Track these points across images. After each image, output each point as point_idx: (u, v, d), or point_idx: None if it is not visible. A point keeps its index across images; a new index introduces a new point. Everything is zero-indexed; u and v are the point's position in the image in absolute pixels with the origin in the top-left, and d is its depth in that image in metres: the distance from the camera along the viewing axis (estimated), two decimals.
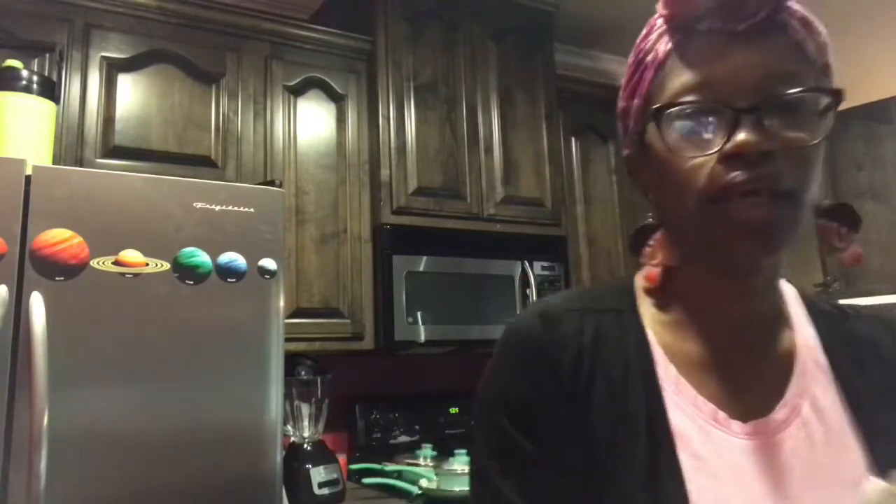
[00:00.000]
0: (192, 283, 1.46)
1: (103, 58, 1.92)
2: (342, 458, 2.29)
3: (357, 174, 2.24)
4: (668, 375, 0.57)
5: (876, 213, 2.86)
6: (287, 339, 1.60)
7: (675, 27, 0.56)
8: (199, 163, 1.98)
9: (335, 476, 1.92)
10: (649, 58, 0.57)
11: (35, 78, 1.61)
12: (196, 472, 1.41)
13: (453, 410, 2.51)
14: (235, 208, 1.53)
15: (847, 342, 0.62)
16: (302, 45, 2.22)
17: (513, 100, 2.52)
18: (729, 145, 0.51)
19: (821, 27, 0.57)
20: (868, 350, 0.62)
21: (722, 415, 0.56)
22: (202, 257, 1.48)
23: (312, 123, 2.20)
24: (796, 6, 0.55)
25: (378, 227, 2.20)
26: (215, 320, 1.48)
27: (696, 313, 0.59)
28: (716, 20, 0.53)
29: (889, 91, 2.99)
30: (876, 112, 2.92)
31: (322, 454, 1.96)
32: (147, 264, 1.43)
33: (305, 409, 1.99)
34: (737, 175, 0.50)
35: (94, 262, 1.37)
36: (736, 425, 0.55)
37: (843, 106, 0.56)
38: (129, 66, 1.95)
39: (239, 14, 2.16)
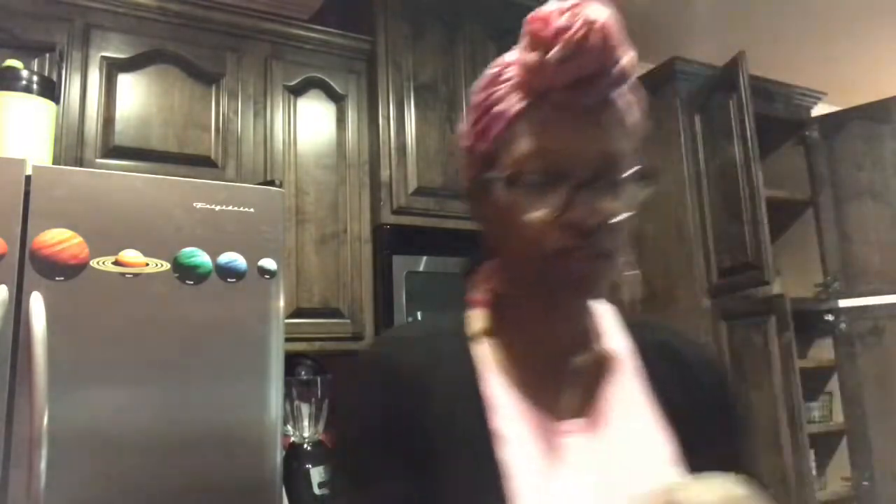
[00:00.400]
0: (192, 283, 1.46)
1: (103, 58, 1.92)
2: None
3: (357, 174, 2.24)
4: (498, 388, 0.63)
5: (876, 213, 2.86)
6: (287, 339, 1.60)
7: (530, 90, 0.60)
8: (199, 163, 1.98)
9: None
10: (499, 108, 0.61)
11: (35, 78, 1.61)
12: (196, 471, 1.40)
13: None
14: (235, 208, 1.53)
15: (656, 349, 0.70)
16: (302, 45, 2.22)
17: None
18: (566, 216, 0.57)
19: (641, 103, 0.63)
20: (671, 355, 0.70)
21: (546, 418, 0.62)
22: (202, 257, 1.48)
23: (312, 123, 2.20)
24: (628, 87, 0.61)
25: (378, 228, 2.20)
26: (215, 320, 1.48)
27: (522, 332, 0.66)
28: (568, 95, 0.58)
29: (889, 91, 2.99)
30: (876, 112, 2.92)
31: (322, 454, 1.96)
32: (147, 264, 1.43)
33: (305, 409, 1.99)
34: (571, 242, 0.58)
35: (94, 262, 1.37)
36: (559, 426, 0.62)
37: (843, 106, 0.56)
38: (129, 66, 1.95)
39: (239, 14, 2.16)
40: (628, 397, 0.65)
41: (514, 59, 0.62)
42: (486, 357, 0.65)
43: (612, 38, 0.57)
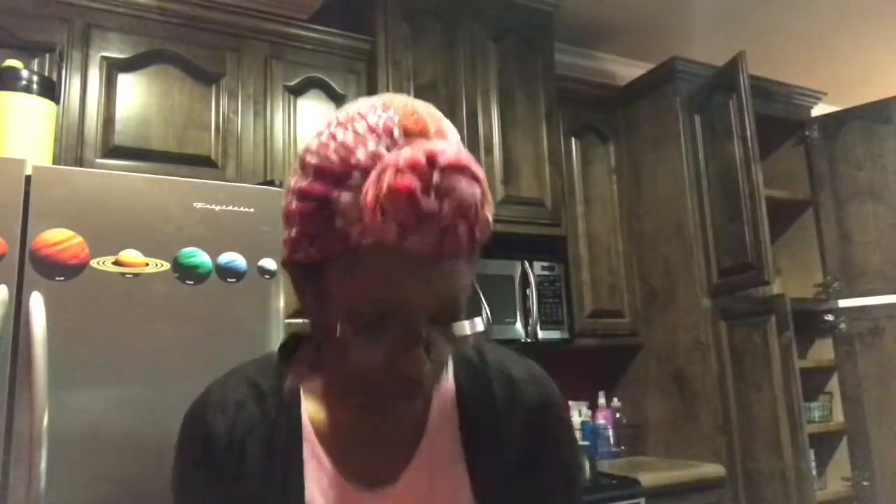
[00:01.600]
0: (192, 283, 1.46)
1: (103, 58, 1.92)
2: None
3: None
4: (311, 451, 0.64)
5: (876, 213, 2.86)
6: None
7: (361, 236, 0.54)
8: (199, 163, 1.98)
9: None
10: (339, 224, 0.54)
11: (35, 78, 1.61)
12: None
13: None
14: (235, 208, 1.53)
15: (483, 392, 0.68)
16: (302, 45, 2.22)
17: (513, 100, 2.52)
18: (402, 362, 0.55)
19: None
20: (491, 403, 0.67)
21: (350, 487, 0.62)
22: (202, 257, 1.48)
23: (312, 123, 2.20)
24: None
25: None
26: (215, 320, 1.48)
27: (345, 392, 0.64)
28: (417, 248, 0.52)
29: (889, 91, 2.99)
30: (876, 112, 2.92)
31: None
32: (147, 264, 1.43)
33: None
34: (404, 383, 0.57)
35: (94, 262, 1.37)
36: (365, 497, 0.62)
37: (843, 106, 0.56)
38: (129, 66, 1.95)
39: (239, 14, 2.16)
40: (442, 461, 0.65)
41: (371, 147, 0.54)
42: (306, 418, 0.65)
43: (473, 224, 0.53)
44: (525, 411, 0.68)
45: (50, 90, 1.65)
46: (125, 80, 1.94)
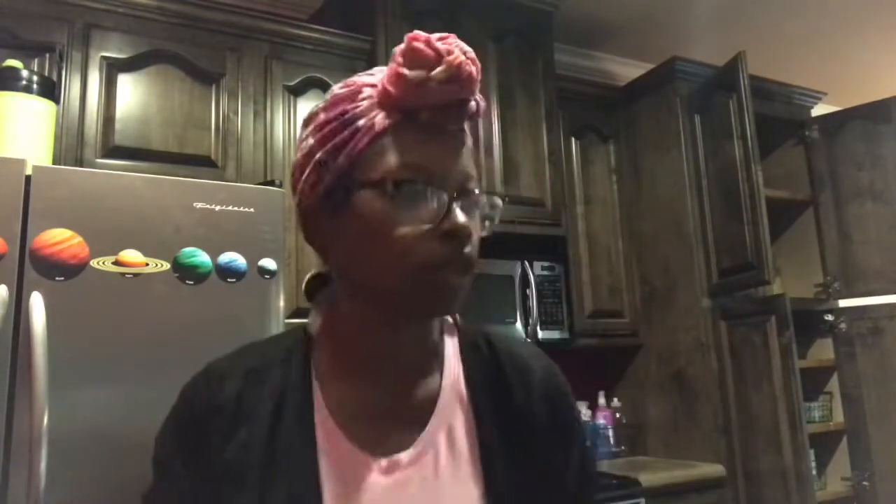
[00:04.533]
0: (192, 283, 1.46)
1: (103, 58, 1.92)
2: None
3: None
4: (323, 422, 0.64)
5: (876, 213, 2.86)
6: None
7: (395, 108, 0.60)
8: (199, 163, 1.98)
9: None
10: (362, 123, 0.60)
11: (35, 78, 1.61)
12: None
13: None
14: (235, 208, 1.53)
15: (491, 377, 0.69)
16: (302, 45, 2.22)
17: (513, 100, 2.52)
18: (447, 224, 0.58)
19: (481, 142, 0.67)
20: (503, 389, 0.69)
21: (364, 456, 0.63)
22: (202, 257, 1.48)
23: None
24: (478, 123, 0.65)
25: None
26: (215, 320, 1.47)
27: (364, 359, 0.66)
28: (436, 117, 0.60)
29: (889, 91, 2.99)
30: (876, 112, 2.92)
31: None
32: (147, 264, 1.42)
33: None
34: (452, 252, 0.59)
35: (94, 262, 1.37)
36: (376, 464, 0.63)
37: (842, 106, 0.57)
38: (129, 66, 1.95)
39: (239, 14, 2.16)
40: (452, 433, 0.65)
41: (369, 81, 0.62)
42: (318, 388, 0.65)
43: (478, 73, 0.60)
44: (536, 394, 0.70)
45: (50, 90, 1.65)
46: (125, 80, 1.94)
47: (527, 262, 2.39)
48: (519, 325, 2.34)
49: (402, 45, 0.59)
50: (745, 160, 2.45)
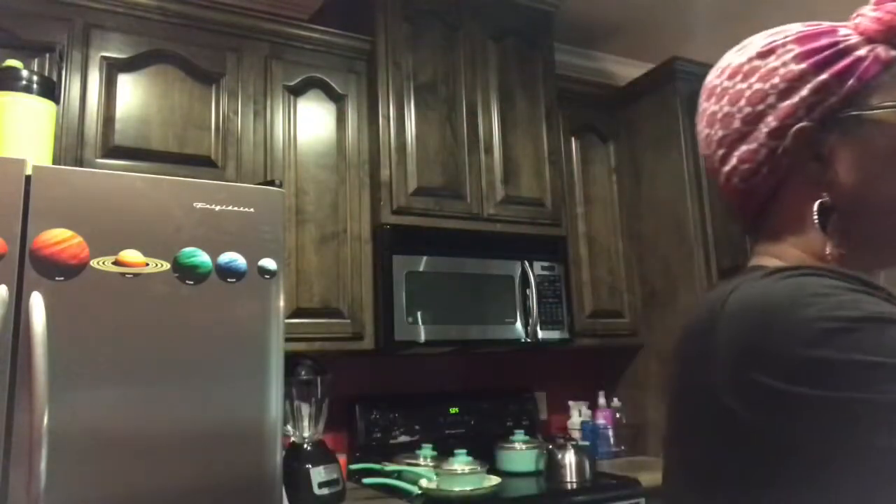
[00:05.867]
0: (192, 283, 1.46)
1: (103, 58, 1.92)
2: (342, 458, 2.29)
3: (357, 174, 2.24)
4: None
5: None
6: (287, 339, 1.60)
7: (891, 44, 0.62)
8: (199, 163, 1.98)
9: (335, 476, 1.92)
10: (862, 52, 0.62)
11: (35, 78, 1.61)
12: (196, 472, 1.40)
13: (453, 410, 2.51)
14: (235, 208, 1.53)
15: None
16: (302, 45, 2.22)
17: (513, 100, 2.52)
18: None
19: None
20: None
21: None
22: (202, 257, 1.48)
23: (312, 123, 2.20)
24: None
25: (378, 227, 2.20)
26: (215, 320, 1.48)
27: None
28: None
29: None
30: None
31: (322, 454, 1.96)
32: (147, 264, 1.43)
33: (305, 409, 1.99)
34: None
35: (94, 262, 1.37)
36: None
37: None
38: (129, 66, 1.95)
39: (239, 14, 2.16)
40: None
41: (835, 25, 0.65)
42: None
43: None
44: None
45: (50, 90, 1.65)
46: (125, 80, 1.94)
47: (527, 262, 2.39)
48: (519, 324, 2.34)
49: None
50: None
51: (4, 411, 1.26)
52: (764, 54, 0.66)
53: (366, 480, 2.09)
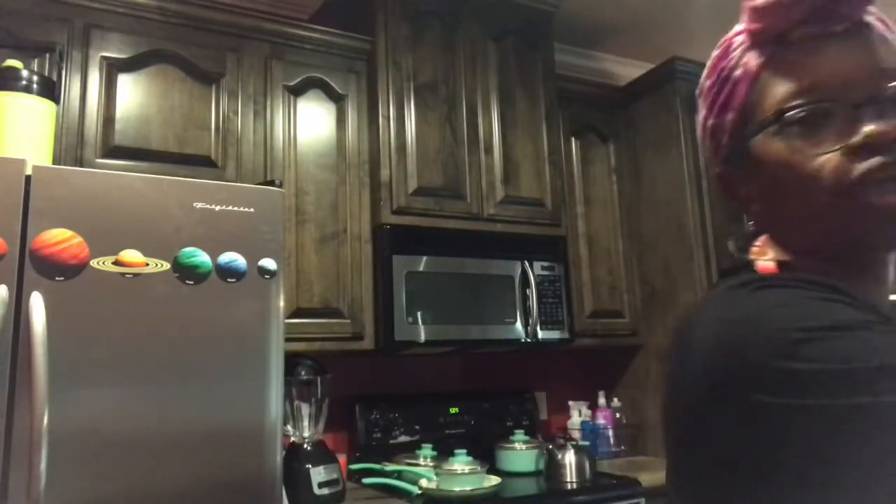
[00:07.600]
0: (192, 283, 1.46)
1: (103, 58, 1.92)
2: (342, 458, 2.29)
3: (357, 174, 2.24)
4: None
5: None
6: (287, 339, 1.60)
7: (765, 41, 0.58)
8: (199, 163, 1.98)
9: (335, 476, 1.92)
10: (738, 73, 0.60)
11: (35, 78, 1.61)
12: (196, 471, 1.41)
13: (453, 410, 2.51)
14: (235, 208, 1.53)
15: None
16: (302, 45, 2.22)
17: (513, 100, 2.52)
18: (857, 138, 0.51)
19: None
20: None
21: None
22: (202, 257, 1.48)
23: (312, 123, 2.20)
24: (874, 7, 0.57)
25: (378, 227, 2.20)
26: (215, 320, 1.48)
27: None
28: (812, 27, 0.55)
29: None
30: None
31: (322, 454, 1.96)
32: (147, 264, 1.43)
33: (305, 409, 1.99)
34: (872, 163, 0.51)
35: (94, 262, 1.37)
36: None
37: None
38: (129, 66, 1.95)
39: (239, 14, 2.16)
40: None
41: (737, 30, 0.61)
42: None
43: None
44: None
45: (50, 90, 1.65)
46: (125, 80, 1.94)
47: (527, 262, 2.39)
48: (519, 324, 2.34)
49: None
50: None
51: (4, 411, 1.26)
52: (697, 98, 0.66)
53: (366, 480, 2.09)
